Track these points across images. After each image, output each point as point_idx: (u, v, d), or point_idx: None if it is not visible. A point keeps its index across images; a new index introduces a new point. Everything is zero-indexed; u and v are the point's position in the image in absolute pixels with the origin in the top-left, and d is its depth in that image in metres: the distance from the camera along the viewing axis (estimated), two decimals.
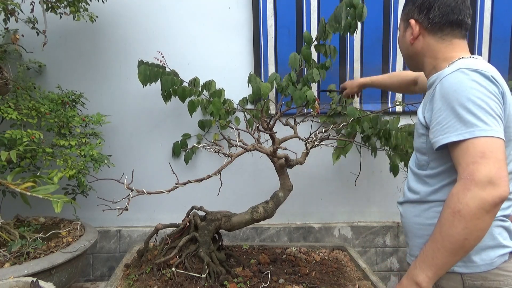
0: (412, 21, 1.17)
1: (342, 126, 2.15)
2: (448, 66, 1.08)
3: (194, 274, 1.75)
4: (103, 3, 2.16)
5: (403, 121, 2.31)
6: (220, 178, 1.70)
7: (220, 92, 2.29)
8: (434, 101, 1.00)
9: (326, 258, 2.16)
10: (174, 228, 1.99)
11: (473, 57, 1.07)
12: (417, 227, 1.13)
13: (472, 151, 0.90)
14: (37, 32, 2.15)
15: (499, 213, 1.00)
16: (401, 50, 1.30)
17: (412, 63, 1.26)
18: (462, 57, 1.08)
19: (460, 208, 0.88)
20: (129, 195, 1.47)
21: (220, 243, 2.00)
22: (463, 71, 0.96)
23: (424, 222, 1.10)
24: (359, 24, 2.05)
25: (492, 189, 0.86)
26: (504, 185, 0.87)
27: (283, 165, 1.85)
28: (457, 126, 0.92)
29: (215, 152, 1.71)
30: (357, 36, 2.38)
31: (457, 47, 1.13)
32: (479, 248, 0.99)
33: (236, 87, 2.39)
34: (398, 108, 2.41)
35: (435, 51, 1.14)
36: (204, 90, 2.28)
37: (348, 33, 2.25)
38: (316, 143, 1.93)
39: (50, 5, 2.05)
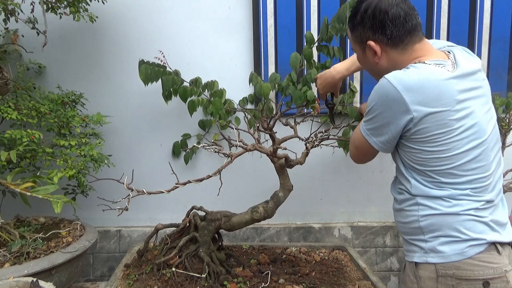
0: (371, 43, 1.16)
1: (343, 127, 2.14)
2: None
3: (194, 274, 1.75)
4: (103, 3, 2.16)
5: None
6: (220, 178, 1.70)
7: (221, 92, 2.29)
8: None
9: (326, 258, 2.16)
10: (174, 228, 1.99)
11: (424, 63, 1.08)
12: (399, 224, 1.23)
13: (356, 134, 1.27)
14: (37, 32, 2.15)
15: (472, 211, 1.06)
16: (365, 68, 1.31)
17: (380, 77, 1.25)
18: (418, 62, 1.11)
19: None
20: (129, 195, 1.48)
21: (220, 243, 2.00)
22: (383, 78, 1.09)
23: (402, 221, 1.21)
24: None
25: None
26: (355, 162, 1.35)
27: (283, 165, 1.85)
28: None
29: (215, 152, 1.71)
30: None
31: (419, 52, 1.14)
32: (448, 240, 1.07)
33: (236, 87, 2.39)
34: None
35: (400, 62, 1.15)
36: (206, 90, 2.28)
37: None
38: (316, 143, 1.93)
39: (50, 6, 2.05)
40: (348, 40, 2.38)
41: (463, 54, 1.15)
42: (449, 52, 1.15)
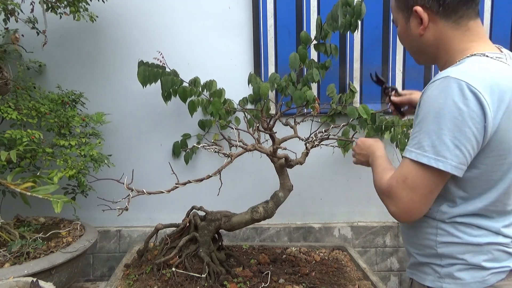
0: (419, 8, 0.97)
1: (342, 126, 2.14)
2: (457, 62, 0.94)
3: (194, 274, 1.75)
4: (103, 2, 2.16)
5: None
6: (220, 178, 1.70)
7: (221, 92, 2.29)
8: (418, 107, 0.94)
9: (326, 258, 2.16)
10: (174, 228, 1.99)
11: (486, 55, 0.92)
12: (409, 243, 1.09)
13: (403, 169, 0.92)
14: (37, 32, 2.15)
15: (498, 243, 0.94)
16: (405, 44, 1.10)
17: (423, 57, 1.07)
18: (475, 54, 0.93)
19: (378, 187, 1.02)
20: (129, 195, 1.47)
21: (220, 243, 2.00)
22: (449, 81, 0.86)
23: (414, 241, 1.06)
24: (359, 23, 2.05)
25: (395, 213, 0.95)
26: (407, 217, 0.93)
27: (283, 165, 1.85)
28: (414, 142, 0.91)
29: (215, 152, 1.71)
30: (357, 35, 2.38)
31: (475, 34, 0.97)
32: (468, 267, 0.95)
33: (236, 87, 2.39)
34: None
35: (449, 40, 0.97)
36: (205, 90, 2.28)
37: (348, 33, 2.25)
38: (316, 143, 1.93)
39: (50, 5, 2.05)
40: (347, 39, 2.39)
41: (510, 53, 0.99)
42: (499, 46, 0.99)
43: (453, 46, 0.97)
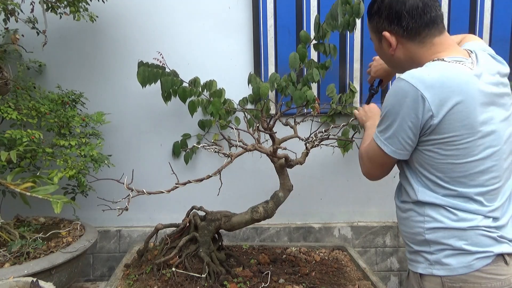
0: (386, 33, 1.12)
1: (342, 126, 2.14)
2: None
3: (194, 274, 1.75)
4: (103, 2, 2.16)
5: None
6: (220, 178, 1.70)
7: (221, 92, 2.29)
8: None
9: (326, 258, 2.16)
10: (174, 228, 1.99)
11: (443, 60, 1.04)
12: (403, 233, 1.18)
13: (370, 144, 1.17)
14: (37, 32, 2.15)
15: (479, 226, 1.02)
16: (382, 59, 1.27)
17: (399, 69, 1.22)
18: (433, 60, 1.07)
19: (359, 151, 1.26)
20: (129, 195, 1.48)
21: (220, 243, 2.00)
22: (397, 81, 1.03)
23: (406, 230, 1.16)
24: (359, 24, 2.05)
25: (363, 173, 1.24)
26: (369, 178, 1.23)
27: (283, 165, 1.85)
28: (378, 128, 1.12)
29: (215, 152, 1.71)
30: (357, 35, 2.38)
31: (439, 47, 1.09)
32: (455, 253, 1.03)
33: (236, 87, 2.39)
34: None
35: (418, 56, 1.11)
36: (205, 90, 2.28)
37: (348, 33, 2.26)
38: (316, 143, 1.92)
39: (50, 5, 2.05)
40: (348, 40, 2.39)
41: (486, 57, 1.09)
42: (471, 52, 1.10)
43: (423, 59, 1.10)
